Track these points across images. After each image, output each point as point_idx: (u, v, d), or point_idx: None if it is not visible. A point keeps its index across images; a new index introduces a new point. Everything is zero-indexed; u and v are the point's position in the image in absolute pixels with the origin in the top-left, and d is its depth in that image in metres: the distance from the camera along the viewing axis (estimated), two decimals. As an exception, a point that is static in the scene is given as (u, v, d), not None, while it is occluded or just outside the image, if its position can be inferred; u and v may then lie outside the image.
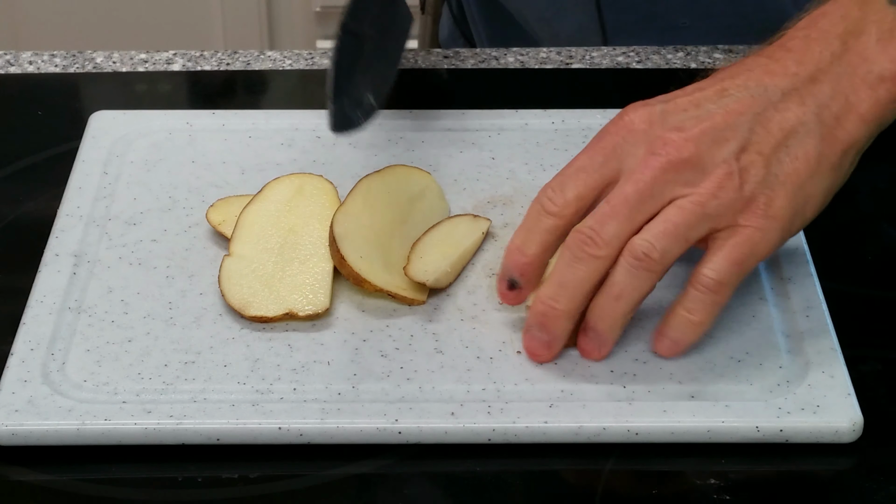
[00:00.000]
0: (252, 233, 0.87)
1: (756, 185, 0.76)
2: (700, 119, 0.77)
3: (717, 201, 0.76)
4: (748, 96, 0.77)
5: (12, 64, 1.08)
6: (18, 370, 0.80)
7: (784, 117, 0.77)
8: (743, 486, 0.76)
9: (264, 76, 1.08)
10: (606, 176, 0.78)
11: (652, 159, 0.76)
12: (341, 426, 0.77)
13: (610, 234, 0.76)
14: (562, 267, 0.77)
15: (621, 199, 0.76)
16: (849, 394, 0.79)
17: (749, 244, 0.76)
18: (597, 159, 0.78)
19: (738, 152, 0.76)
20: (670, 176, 0.76)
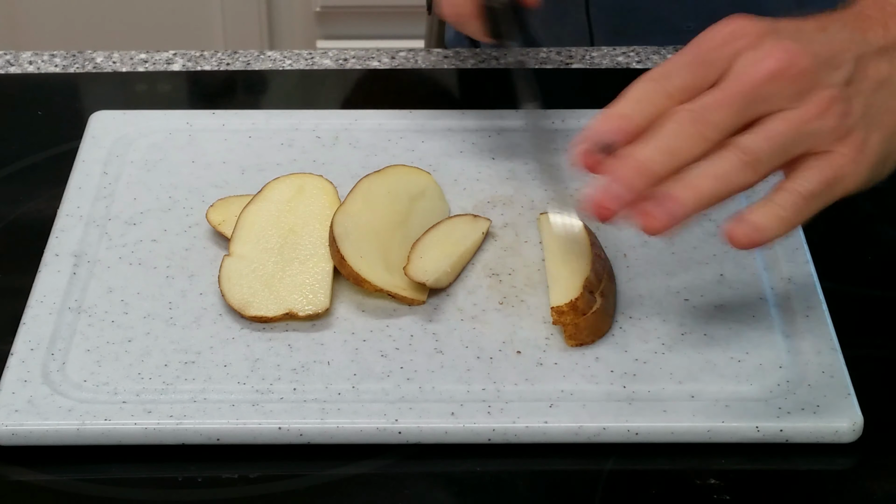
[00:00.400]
0: (252, 233, 0.87)
1: (857, 119, 0.75)
2: (811, 42, 0.75)
3: (821, 122, 0.74)
4: (848, 39, 0.77)
5: (12, 64, 1.08)
6: (18, 370, 0.80)
7: (879, 68, 0.77)
8: (743, 486, 0.76)
9: (264, 76, 1.08)
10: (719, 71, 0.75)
11: (769, 61, 0.73)
12: (341, 426, 0.77)
13: (719, 120, 0.73)
14: (667, 136, 0.74)
15: (735, 91, 0.74)
16: (849, 394, 0.79)
17: (841, 172, 0.75)
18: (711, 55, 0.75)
19: (845, 81, 0.75)
20: (784, 83, 0.74)
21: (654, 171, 0.73)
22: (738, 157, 0.73)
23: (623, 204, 0.73)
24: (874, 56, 0.77)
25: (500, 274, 0.87)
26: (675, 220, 0.73)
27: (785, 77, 0.74)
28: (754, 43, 0.75)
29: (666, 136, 0.73)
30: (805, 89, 0.74)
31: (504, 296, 0.85)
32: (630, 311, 0.84)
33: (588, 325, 0.81)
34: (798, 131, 0.74)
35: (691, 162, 0.73)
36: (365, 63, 1.09)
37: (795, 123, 0.74)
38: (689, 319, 0.83)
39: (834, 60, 0.75)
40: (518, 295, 0.85)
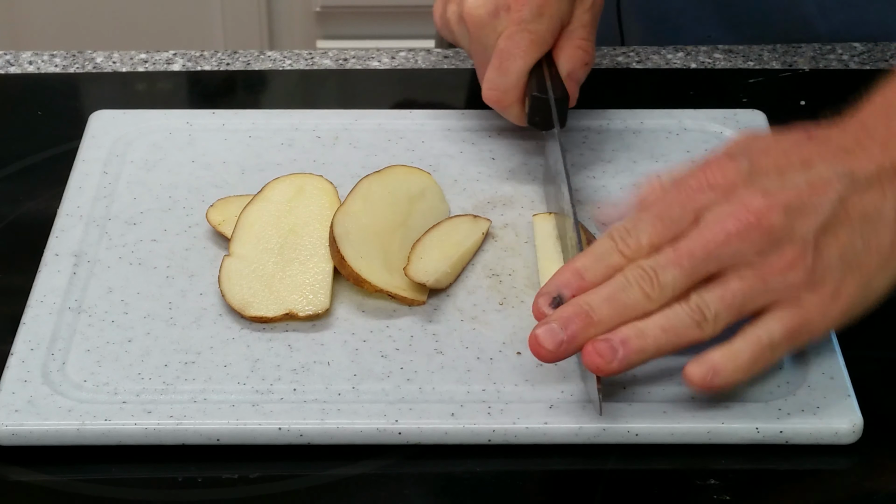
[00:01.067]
0: (252, 233, 0.87)
1: (827, 269, 0.75)
2: (785, 189, 0.75)
3: (783, 278, 0.74)
4: (834, 175, 0.76)
5: (12, 64, 1.08)
6: (18, 370, 0.80)
7: (864, 205, 0.75)
8: (743, 487, 0.76)
9: (264, 76, 1.08)
10: (683, 227, 0.76)
11: (730, 221, 0.74)
12: (341, 426, 0.77)
13: (668, 282, 0.74)
14: (614, 288, 0.75)
15: (687, 252, 0.74)
16: (849, 395, 0.79)
17: (806, 322, 0.75)
18: (675, 210, 0.76)
19: (816, 232, 0.75)
20: (745, 243, 0.74)
21: (595, 317, 0.75)
22: (690, 315, 0.74)
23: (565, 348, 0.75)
24: (861, 191, 0.75)
25: (500, 274, 0.87)
26: (623, 366, 0.74)
27: (745, 237, 0.74)
28: (724, 196, 0.75)
29: (613, 288, 0.75)
30: (771, 245, 0.74)
31: (504, 296, 0.85)
32: (630, 312, 0.84)
33: None
34: (756, 289, 0.74)
35: (641, 315, 0.75)
36: (365, 63, 1.09)
37: (754, 282, 0.74)
38: (689, 320, 0.83)
39: (808, 207, 0.74)
40: (518, 295, 0.85)
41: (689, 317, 0.74)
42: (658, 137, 0.97)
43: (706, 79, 1.06)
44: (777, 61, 1.07)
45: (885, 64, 1.07)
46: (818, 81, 1.05)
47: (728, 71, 1.07)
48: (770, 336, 0.75)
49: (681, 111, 0.99)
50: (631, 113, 0.99)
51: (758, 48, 1.09)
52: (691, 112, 0.99)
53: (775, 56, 1.08)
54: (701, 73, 1.06)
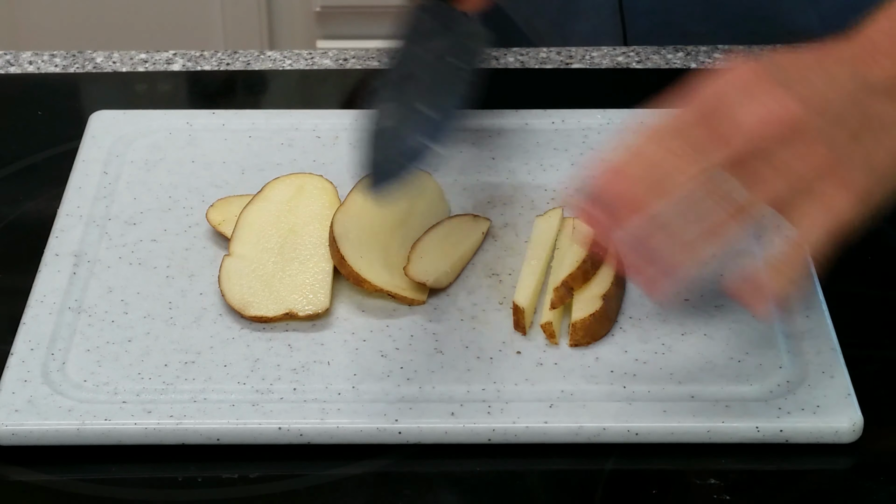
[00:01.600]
0: (252, 233, 0.87)
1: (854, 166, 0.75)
2: (803, 85, 0.76)
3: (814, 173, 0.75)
4: (848, 78, 0.77)
5: (12, 64, 1.08)
6: (18, 370, 0.80)
7: (878, 108, 0.76)
8: (743, 486, 0.76)
9: (264, 76, 1.08)
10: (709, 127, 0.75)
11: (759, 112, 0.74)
12: (341, 426, 0.77)
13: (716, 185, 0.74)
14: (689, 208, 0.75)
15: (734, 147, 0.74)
16: (849, 394, 0.79)
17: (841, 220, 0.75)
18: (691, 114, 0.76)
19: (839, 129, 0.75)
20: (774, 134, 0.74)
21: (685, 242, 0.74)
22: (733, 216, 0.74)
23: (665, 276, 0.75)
24: (874, 96, 0.76)
25: (500, 274, 0.87)
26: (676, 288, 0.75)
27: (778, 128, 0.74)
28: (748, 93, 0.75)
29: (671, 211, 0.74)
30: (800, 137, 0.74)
31: (504, 296, 0.85)
32: (630, 312, 0.84)
33: (585, 326, 0.81)
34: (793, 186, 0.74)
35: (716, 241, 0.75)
36: (365, 63, 1.09)
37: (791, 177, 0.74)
38: (689, 319, 0.83)
39: (829, 105, 0.75)
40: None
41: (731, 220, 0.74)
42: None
43: (706, 78, 1.06)
44: (777, 61, 1.07)
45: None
46: (818, 81, 1.05)
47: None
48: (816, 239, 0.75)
49: (681, 111, 0.99)
50: (631, 113, 0.99)
51: (758, 48, 1.09)
52: (691, 112, 0.99)
53: (775, 56, 1.08)
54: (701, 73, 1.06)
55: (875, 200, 0.77)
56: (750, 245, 0.85)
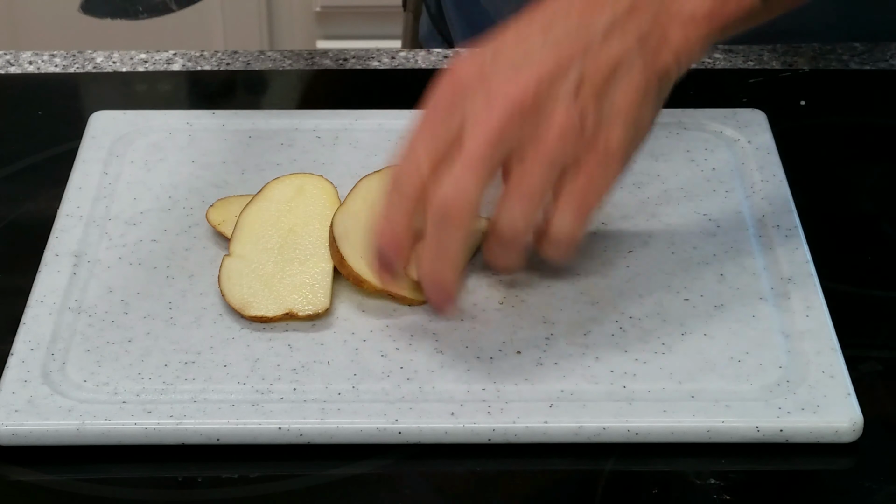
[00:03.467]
0: (252, 233, 0.87)
1: (594, 124, 0.76)
2: (531, 63, 0.76)
3: (560, 148, 0.76)
4: (573, 31, 0.77)
5: (12, 64, 1.08)
6: (18, 370, 0.80)
7: (609, 52, 0.77)
8: (743, 486, 0.76)
9: (264, 76, 1.08)
10: (452, 133, 0.77)
11: (494, 109, 0.76)
12: (341, 426, 0.77)
13: (472, 195, 0.76)
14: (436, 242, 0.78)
15: (474, 156, 0.76)
16: (849, 394, 0.79)
17: (597, 177, 0.77)
18: (438, 120, 0.77)
19: (573, 93, 0.76)
20: (515, 125, 0.76)
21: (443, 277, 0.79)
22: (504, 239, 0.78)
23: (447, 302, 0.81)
24: (602, 43, 0.77)
25: (500, 274, 0.87)
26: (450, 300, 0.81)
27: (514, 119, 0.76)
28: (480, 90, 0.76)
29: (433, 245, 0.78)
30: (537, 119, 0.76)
31: (504, 296, 0.85)
32: (630, 311, 0.84)
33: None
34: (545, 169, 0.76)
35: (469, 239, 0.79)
36: (365, 63, 1.09)
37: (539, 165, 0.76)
38: (689, 319, 0.83)
39: (558, 73, 0.76)
40: (518, 295, 0.85)
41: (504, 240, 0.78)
42: (657, 136, 0.97)
43: (706, 78, 1.06)
44: (777, 61, 1.07)
45: (885, 64, 1.07)
46: (818, 81, 1.05)
47: (728, 71, 1.07)
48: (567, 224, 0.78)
49: (680, 110, 0.99)
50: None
51: (758, 48, 1.09)
52: (691, 111, 0.99)
53: (775, 56, 1.08)
54: (701, 73, 1.06)
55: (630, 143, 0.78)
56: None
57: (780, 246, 0.88)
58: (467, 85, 0.77)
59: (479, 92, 0.77)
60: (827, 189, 0.95)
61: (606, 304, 0.84)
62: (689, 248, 0.88)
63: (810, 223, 0.90)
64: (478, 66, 0.77)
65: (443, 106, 0.78)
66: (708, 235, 0.89)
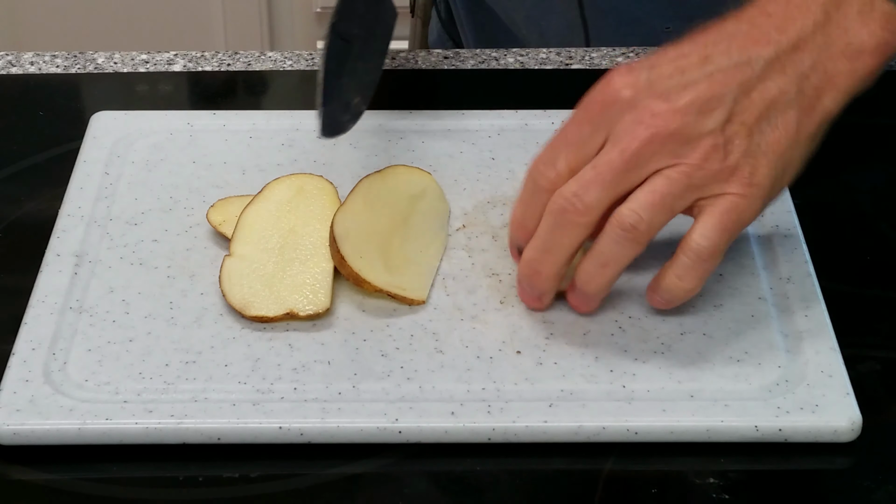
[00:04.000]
0: (253, 233, 0.87)
1: (740, 155, 0.77)
2: (686, 88, 0.77)
3: (703, 172, 0.76)
4: (732, 66, 0.77)
5: (14, 64, 1.09)
6: (20, 370, 0.80)
7: (766, 87, 0.77)
8: (742, 486, 0.76)
9: (265, 77, 1.08)
10: (596, 144, 0.78)
11: (639, 129, 0.76)
12: (342, 425, 0.77)
13: (593, 201, 0.77)
14: (545, 232, 0.79)
15: (606, 166, 0.76)
16: (847, 393, 0.79)
17: (736, 211, 0.77)
18: (585, 130, 0.78)
19: (723, 123, 0.76)
20: (656, 147, 0.76)
21: (547, 271, 0.80)
22: (618, 234, 0.77)
23: (543, 300, 0.82)
24: (761, 76, 0.77)
25: (499, 274, 0.87)
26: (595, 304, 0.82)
27: (656, 141, 0.76)
28: (629, 108, 0.77)
29: (542, 233, 0.79)
30: (683, 144, 0.76)
31: (504, 296, 0.85)
32: (630, 311, 0.84)
33: None
34: (681, 185, 0.76)
35: (578, 245, 0.79)
36: (365, 63, 1.09)
37: (676, 179, 0.76)
38: (688, 319, 0.84)
39: (710, 104, 0.76)
40: (518, 295, 0.85)
41: (621, 237, 0.77)
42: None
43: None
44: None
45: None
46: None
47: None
48: (708, 241, 0.77)
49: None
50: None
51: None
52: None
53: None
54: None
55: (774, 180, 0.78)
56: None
57: (780, 246, 0.88)
58: (619, 100, 0.77)
59: (628, 110, 0.77)
60: (826, 189, 0.95)
61: (606, 303, 0.84)
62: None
63: (810, 223, 0.90)
64: (633, 84, 0.77)
65: (592, 116, 0.78)
66: (707, 235, 0.89)
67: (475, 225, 0.91)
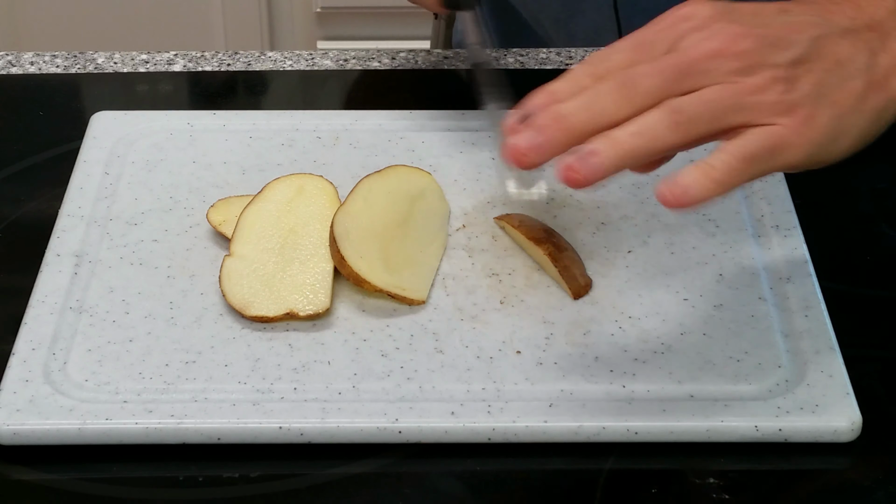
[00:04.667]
0: (253, 233, 0.87)
1: (802, 96, 0.74)
2: (762, 25, 0.75)
3: (760, 97, 0.74)
4: (810, 21, 0.77)
5: (14, 65, 1.09)
6: (20, 370, 0.80)
7: (839, 49, 0.76)
8: (742, 486, 0.76)
9: (265, 77, 1.08)
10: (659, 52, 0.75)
11: (708, 42, 0.74)
12: (342, 425, 0.77)
13: (644, 89, 0.73)
14: (591, 95, 0.74)
15: (672, 63, 0.74)
16: (847, 393, 0.79)
17: (781, 141, 0.74)
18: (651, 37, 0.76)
19: (792, 63, 0.75)
20: (721, 62, 0.74)
21: (572, 123, 0.73)
22: (667, 116, 0.73)
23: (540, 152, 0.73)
24: (835, 37, 0.76)
25: (499, 274, 0.87)
26: (595, 174, 0.72)
27: (724, 56, 0.74)
28: (701, 25, 0.75)
29: (590, 95, 0.73)
30: (745, 67, 0.74)
31: (504, 296, 0.85)
32: (630, 311, 0.84)
33: None
34: (734, 100, 0.73)
35: (617, 123, 0.73)
36: (365, 64, 1.09)
37: (732, 93, 0.73)
38: (688, 319, 0.84)
39: (783, 41, 0.75)
40: (518, 295, 0.85)
41: (663, 119, 0.73)
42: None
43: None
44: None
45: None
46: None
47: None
48: (746, 148, 0.73)
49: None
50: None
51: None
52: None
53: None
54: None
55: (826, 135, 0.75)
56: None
57: (779, 246, 0.88)
58: (691, 17, 0.75)
59: (698, 28, 0.75)
60: (826, 189, 0.95)
61: (606, 303, 0.85)
62: (688, 248, 0.89)
63: (809, 223, 0.90)
64: (709, 9, 0.75)
65: (663, 25, 0.76)
66: (707, 235, 0.89)
67: (475, 225, 0.91)
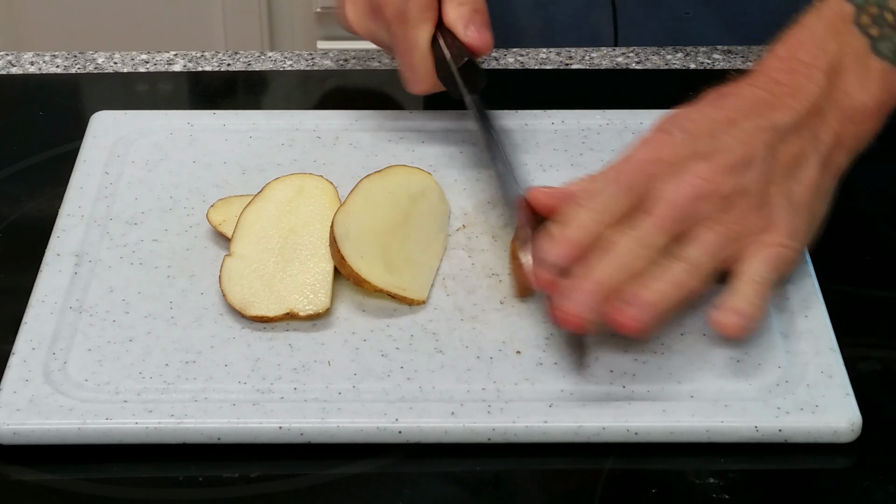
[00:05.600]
0: (253, 233, 0.87)
1: (778, 209, 0.82)
2: (720, 150, 0.82)
3: (744, 227, 0.81)
4: (757, 129, 0.83)
5: (14, 64, 1.09)
6: (20, 369, 0.80)
7: (791, 149, 0.83)
8: (742, 486, 0.76)
9: (265, 77, 1.08)
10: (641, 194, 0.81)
11: (684, 188, 0.81)
12: (342, 425, 0.77)
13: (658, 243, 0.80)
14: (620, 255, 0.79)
15: (667, 217, 0.80)
16: (847, 394, 0.79)
17: (780, 257, 0.81)
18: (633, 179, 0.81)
19: (760, 184, 0.82)
20: (701, 204, 0.81)
21: (612, 285, 0.79)
22: (685, 266, 0.80)
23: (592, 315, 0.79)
24: (784, 139, 0.83)
25: (499, 274, 0.87)
26: (647, 317, 0.79)
27: (701, 198, 0.81)
28: (671, 166, 0.82)
29: (619, 256, 0.80)
30: (727, 201, 0.81)
31: (504, 296, 0.85)
32: (630, 311, 0.84)
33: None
34: (726, 238, 0.81)
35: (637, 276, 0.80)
36: (365, 64, 1.09)
37: (723, 231, 0.81)
38: (688, 319, 0.84)
39: (743, 162, 0.82)
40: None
41: (685, 268, 0.80)
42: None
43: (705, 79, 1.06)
44: (776, 61, 1.07)
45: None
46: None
47: (728, 71, 1.07)
48: (760, 273, 0.81)
49: (680, 111, 0.99)
50: (631, 113, 0.99)
51: (757, 48, 1.09)
52: (691, 112, 0.99)
53: (775, 56, 1.08)
54: (701, 74, 1.06)
55: (805, 233, 0.83)
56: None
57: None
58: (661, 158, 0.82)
59: (669, 174, 0.81)
60: (826, 189, 0.95)
61: (606, 304, 0.84)
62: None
63: (809, 223, 0.90)
64: (670, 148, 0.82)
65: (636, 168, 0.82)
66: (707, 236, 0.89)
67: (475, 225, 0.91)
